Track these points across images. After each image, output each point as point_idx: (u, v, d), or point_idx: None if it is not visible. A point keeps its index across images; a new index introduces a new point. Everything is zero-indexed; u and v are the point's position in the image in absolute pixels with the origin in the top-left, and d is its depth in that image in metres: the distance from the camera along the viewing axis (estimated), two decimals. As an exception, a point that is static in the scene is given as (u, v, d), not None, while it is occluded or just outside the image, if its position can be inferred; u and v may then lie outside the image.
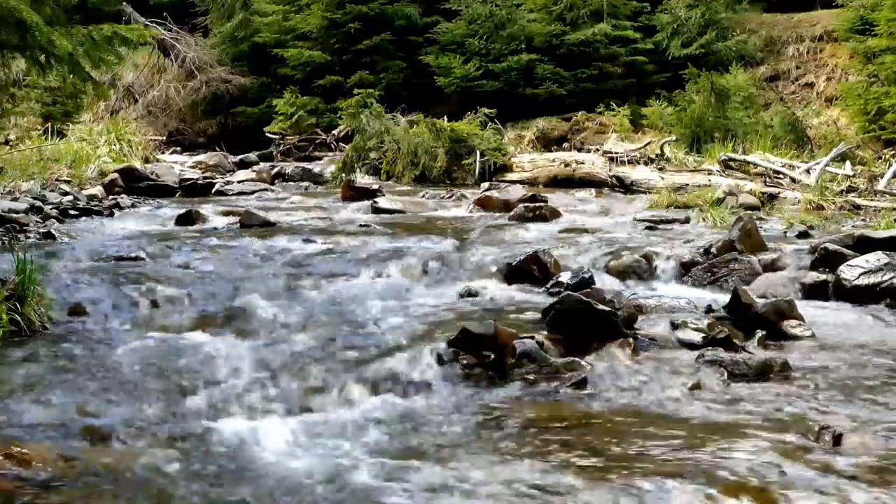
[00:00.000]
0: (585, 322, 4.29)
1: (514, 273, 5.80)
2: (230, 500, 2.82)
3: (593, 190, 10.99)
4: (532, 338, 4.15)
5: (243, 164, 14.28)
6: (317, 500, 2.83)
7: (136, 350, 4.31)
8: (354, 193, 10.33)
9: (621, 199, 10.50)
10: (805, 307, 4.92)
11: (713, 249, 6.18)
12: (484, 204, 9.47)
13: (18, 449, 3.01)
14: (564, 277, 5.52)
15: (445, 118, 13.01)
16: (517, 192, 9.78)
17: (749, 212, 8.15)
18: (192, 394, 3.72)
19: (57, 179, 10.39)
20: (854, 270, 5.40)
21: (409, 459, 3.10)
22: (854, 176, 9.88)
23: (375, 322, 4.75)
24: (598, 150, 12.77)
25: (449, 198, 10.25)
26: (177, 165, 13.02)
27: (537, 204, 8.84)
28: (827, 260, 5.80)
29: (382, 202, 9.56)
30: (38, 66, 6.69)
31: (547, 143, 14.96)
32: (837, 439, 3.16)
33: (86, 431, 3.33)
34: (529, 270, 5.79)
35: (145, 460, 3.10)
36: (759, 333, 4.50)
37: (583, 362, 4.06)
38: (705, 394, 3.75)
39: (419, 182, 11.73)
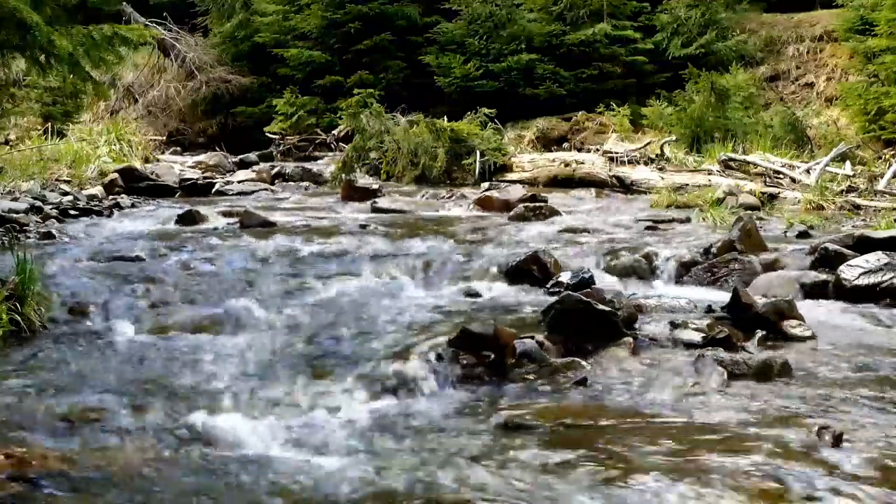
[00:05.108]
0: (585, 322, 4.29)
1: (514, 273, 5.79)
2: (228, 500, 2.82)
3: (593, 190, 11.00)
4: (532, 338, 4.14)
5: (243, 164, 14.27)
6: (314, 501, 2.83)
7: (135, 350, 4.32)
8: (354, 193, 10.34)
9: (621, 199, 10.51)
10: (805, 307, 4.92)
11: (713, 249, 6.18)
12: (484, 204, 9.47)
13: (18, 449, 3.01)
14: (564, 277, 5.52)
15: (445, 118, 13.01)
16: (517, 192, 9.77)
17: (749, 212, 8.16)
18: (192, 394, 3.73)
19: (57, 179, 10.39)
20: (854, 270, 5.40)
21: (409, 459, 3.10)
22: (854, 176, 9.88)
23: (375, 322, 4.75)
24: (598, 150, 12.77)
25: (449, 198, 10.26)
26: (177, 165, 13.01)
27: (537, 204, 8.84)
28: (827, 260, 5.81)
29: (382, 202, 9.57)
30: (38, 66, 6.70)
31: (547, 143, 14.97)
32: (837, 439, 3.15)
33: (86, 431, 3.33)
34: (529, 270, 5.78)
35: (145, 460, 3.10)
36: (759, 333, 4.50)
37: (583, 362, 4.05)
38: (705, 393, 3.75)
39: (419, 182, 11.72)
